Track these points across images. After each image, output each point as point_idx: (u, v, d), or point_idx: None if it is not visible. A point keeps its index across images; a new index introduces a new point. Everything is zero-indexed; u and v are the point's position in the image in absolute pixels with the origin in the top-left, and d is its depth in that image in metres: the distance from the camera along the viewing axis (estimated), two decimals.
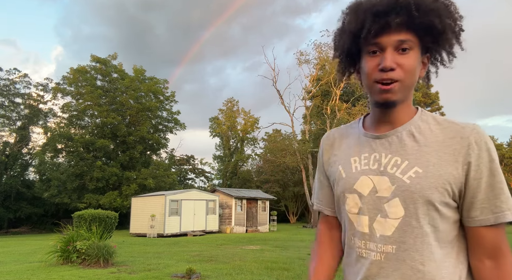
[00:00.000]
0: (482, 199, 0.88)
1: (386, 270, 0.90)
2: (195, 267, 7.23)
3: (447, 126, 0.92)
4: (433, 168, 0.88)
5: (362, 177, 0.96)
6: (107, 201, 28.18)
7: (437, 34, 0.88)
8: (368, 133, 1.00)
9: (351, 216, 0.98)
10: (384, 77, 0.88)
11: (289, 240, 16.69)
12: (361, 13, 0.90)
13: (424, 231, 0.88)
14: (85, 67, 32.75)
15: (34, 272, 7.64)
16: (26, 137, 34.81)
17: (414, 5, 0.84)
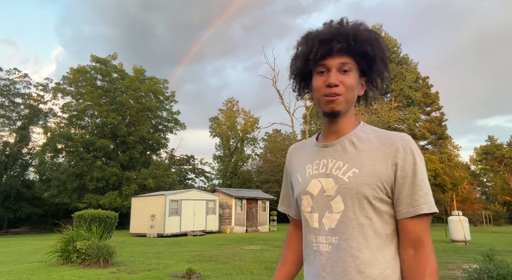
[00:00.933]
0: (405, 195, 1.04)
1: (333, 259, 1.05)
2: (195, 267, 7.22)
3: (382, 135, 1.10)
4: (367, 168, 1.05)
5: (313, 180, 1.13)
6: (107, 201, 28.17)
7: (370, 59, 1.08)
8: (319, 143, 1.18)
9: (306, 215, 1.14)
10: (330, 92, 1.07)
11: None
12: (310, 40, 1.10)
13: (359, 222, 1.04)
14: (85, 67, 32.75)
15: (34, 272, 7.63)
16: (26, 137, 34.81)
17: (351, 35, 1.05)
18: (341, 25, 1.08)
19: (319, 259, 1.07)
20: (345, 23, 1.09)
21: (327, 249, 1.06)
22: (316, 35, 1.09)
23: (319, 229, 1.08)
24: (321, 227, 1.08)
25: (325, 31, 1.08)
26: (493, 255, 5.58)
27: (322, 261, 1.06)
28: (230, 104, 46.12)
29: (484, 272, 5.32)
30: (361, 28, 1.07)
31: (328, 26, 1.10)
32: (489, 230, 29.58)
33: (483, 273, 5.33)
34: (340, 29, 1.07)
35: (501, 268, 5.22)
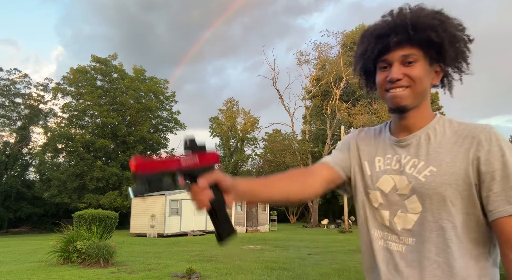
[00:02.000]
0: (497, 191, 0.92)
1: (406, 260, 0.99)
2: (195, 267, 7.23)
3: (460, 128, 1.01)
4: (446, 166, 0.96)
5: (384, 176, 1.07)
6: (107, 201, 28.18)
7: (437, 46, 0.99)
8: (392, 137, 1.11)
9: (373, 210, 1.09)
10: (393, 86, 1.01)
11: (289, 240, 16.70)
12: (367, 38, 1.06)
13: (439, 226, 0.95)
14: (85, 67, 32.77)
15: (34, 272, 7.64)
16: (26, 137, 34.83)
17: (410, 25, 0.97)
18: (399, 15, 1.02)
19: (390, 257, 1.02)
20: (404, 11, 1.02)
21: (399, 249, 1.01)
22: (373, 31, 1.04)
23: (390, 227, 1.03)
24: (392, 226, 1.03)
25: (382, 25, 1.03)
26: None
27: (392, 260, 1.01)
28: (230, 104, 46.13)
29: None
30: (422, 14, 0.99)
31: (385, 19, 1.04)
32: None
33: None
34: (397, 19, 1.00)
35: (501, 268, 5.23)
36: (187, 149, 0.92)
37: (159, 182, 0.85)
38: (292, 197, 1.07)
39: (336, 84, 33.51)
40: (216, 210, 0.92)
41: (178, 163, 0.88)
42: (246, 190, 1.00)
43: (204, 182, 0.88)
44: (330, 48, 34.48)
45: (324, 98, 35.43)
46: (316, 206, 31.47)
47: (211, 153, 0.94)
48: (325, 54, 34.53)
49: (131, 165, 0.83)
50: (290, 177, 1.10)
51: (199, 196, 0.87)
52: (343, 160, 1.16)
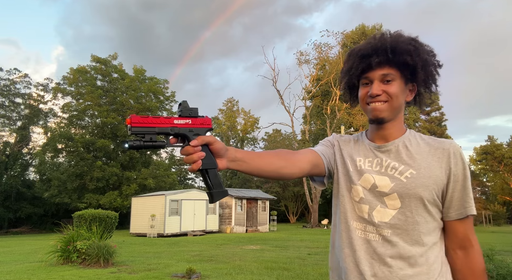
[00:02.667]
0: (457, 197, 1.13)
1: (381, 248, 1.12)
2: (195, 267, 7.23)
3: (430, 140, 1.19)
4: (424, 171, 1.13)
5: (365, 174, 1.19)
6: (107, 201, 28.18)
7: (411, 68, 1.15)
8: (372, 143, 1.24)
9: (353, 203, 1.20)
10: (373, 100, 1.16)
11: (289, 240, 16.70)
12: (352, 57, 1.22)
13: (415, 220, 1.11)
14: (85, 67, 32.76)
15: (34, 272, 7.64)
16: (26, 137, 34.82)
17: (390, 48, 1.13)
18: (380, 39, 1.18)
19: (367, 247, 1.14)
20: (385, 36, 1.18)
21: (376, 239, 1.13)
22: (358, 51, 1.19)
23: (368, 220, 1.15)
24: (371, 219, 1.15)
25: (366, 46, 1.18)
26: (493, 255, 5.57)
27: (369, 248, 1.13)
28: (230, 104, 46.12)
29: None
30: (400, 40, 1.15)
31: (369, 42, 1.19)
32: (488, 230, 29.59)
33: None
34: (379, 43, 1.16)
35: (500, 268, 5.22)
36: (181, 111, 0.97)
37: (153, 138, 0.90)
38: (282, 170, 1.12)
39: (336, 84, 33.47)
40: (208, 171, 0.96)
41: (171, 122, 0.93)
42: (238, 157, 1.03)
43: (196, 142, 0.93)
44: (330, 48, 34.45)
45: (324, 98, 35.42)
46: (316, 206, 31.48)
47: (204, 117, 0.99)
48: (325, 54, 34.51)
49: (127, 120, 0.88)
50: (280, 152, 1.17)
51: (191, 156, 0.92)
52: (327, 153, 1.28)
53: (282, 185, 37.49)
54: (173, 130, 0.93)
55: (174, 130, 0.94)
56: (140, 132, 0.89)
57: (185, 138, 0.95)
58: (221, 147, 0.98)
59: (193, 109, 0.98)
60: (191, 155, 0.92)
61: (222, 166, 0.99)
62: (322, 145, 1.31)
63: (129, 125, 0.88)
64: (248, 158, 1.05)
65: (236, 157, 1.03)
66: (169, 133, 0.93)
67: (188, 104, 0.98)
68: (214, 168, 0.96)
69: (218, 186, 0.97)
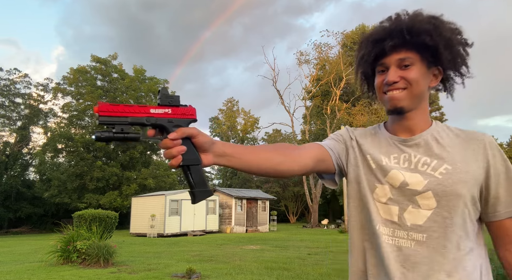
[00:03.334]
0: (504, 193, 1.00)
1: (417, 256, 0.97)
2: (195, 267, 7.23)
3: (460, 132, 1.07)
4: (460, 165, 1.00)
5: (393, 170, 1.04)
6: (107, 201, 28.18)
7: (433, 49, 1.01)
8: (395, 136, 1.10)
9: (378, 205, 1.05)
10: (390, 89, 1.03)
11: (289, 240, 16.69)
12: (365, 43, 1.09)
13: (454, 222, 0.97)
14: (85, 67, 32.77)
15: (34, 272, 7.64)
16: (26, 137, 34.82)
17: (406, 29, 1.00)
18: (395, 20, 1.05)
19: (398, 254, 0.99)
20: (401, 17, 1.05)
21: (408, 245, 0.99)
22: (370, 36, 1.08)
23: (398, 223, 1.01)
24: (402, 222, 1.00)
25: (379, 30, 1.06)
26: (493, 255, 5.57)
27: (401, 256, 0.98)
28: (230, 104, 46.14)
29: None
30: (418, 19, 1.02)
31: (383, 24, 1.07)
32: None
33: None
34: (393, 25, 1.04)
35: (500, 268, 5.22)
36: (159, 99, 0.86)
37: (125, 129, 0.80)
38: (279, 167, 0.98)
39: (336, 84, 33.50)
40: (190, 167, 0.85)
41: (146, 111, 0.83)
42: (227, 152, 0.90)
43: (175, 135, 0.82)
44: (330, 48, 34.44)
45: (324, 98, 35.41)
46: (316, 206, 31.48)
47: (187, 107, 0.88)
48: (325, 54, 34.51)
49: (95, 108, 0.78)
50: (280, 147, 1.03)
51: (170, 150, 0.81)
52: (336, 147, 1.12)
53: (282, 185, 37.49)
54: (149, 120, 0.83)
55: (150, 121, 0.83)
56: (110, 122, 0.79)
57: (164, 130, 0.85)
58: (205, 141, 0.86)
59: (174, 97, 0.87)
60: (169, 150, 0.81)
61: (208, 162, 0.87)
62: (332, 139, 1.16)
63: (97, 114, 0.78)
64: (239, 153, 0.92)
65: (224, 152, 0.90)
66: (145, 123, 0.83)
67: (168, 91, 0.87)
68: (197, 164, 0.85)
69: (201, 184, 0.86)
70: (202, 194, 0.87)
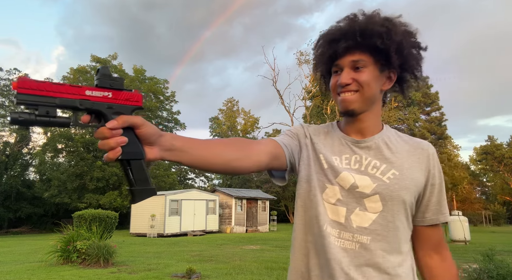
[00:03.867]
0: (434, 202, 1.06)
1: (360, 258, 0.98)
2: (195, 267, 7.23)
3: (407, 139, 1.10)
4: (406, 171, 1.03)
5: (344, 172, 1.04)
6: (107, 201, 28.19)
7: (384, 52, 1.01)
8: (348, 137, 1.10)
9: (326, 205, 1.04)
10: (342, 90, 1.03)
11: (289, 240, 16.61)
12: (321, 42, 1.09)
13: (396, 226, 1.00)
14: (85, 67, 32.80)
15: (34, 272, 7.64)
16: (26, 137, 34.82)
17: (358, 31, 1.00)
18: (351, 21, 1.04)
19: (343, 256, 0.98)
20: (355, 18, 1.04)
21: (353, 247, 0.99)
22: (325, 35, 1.07)
23: (345, 225, 1.00)
24: (348, 223, 1.00)
25: (335, 30, 1.05)
26: (493, 255, 5.58)
27: (346, 258, 0.98)
28: (230, 104, 46.14)
29: (484, 272, 5.33)
30: (371, 21, 1.02)
31: (339, 24, 1.06)
32: (489, 230, 29.60)
33: (483, 273, 5.34)
34: (348, 26, 1.03)
35: (501, 268, 5.23)
36: (98, 80, 0.73)
37: (51, 112, 0.66)
38: (233, 163, 0.91)
39: None
40: (130, 162, 0.74)
41: (81, 93, 0.69)
42: (177, 145, 0.81)
43: (115, 123, 0.71)
44: None
45: (324, 98, 35.41)
46: None
47: (132, 92, 0.76)
48: None
49: (13, 84, 0.64)
50: (234, 142, 0.97)
51: (107, 141, 0.70)
52: (290, 144, 1.09)
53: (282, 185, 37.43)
54: (83, 104, 0.69)
55: (84, 104, 0.69)
56: (31, 101, 0.64)
57: (102, 116, 0.72)
58: (151, 132, 0.76)
59: (117, 79, 0.73)
60: (107, 140, 0.70)
61: (153, 156, 0.77)
62: (286, 135, 1.12)
63: (15, 90, 0.63)
64: (189, 147, 0.83)
65: (173, 145, 0.80)
66: (78, 107, 0.69)
67: (109, 71, 0.73)
68: (140, 159, 0.74)
69: (143, 182, 0.74)
70: (143, 193, 0.74)
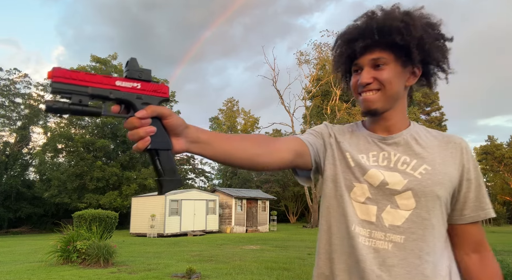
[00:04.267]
0: (473, 198, 1.00)
1: (393, 258, 0.93)
2: (195, 267, 7.23)
3: (437, 134, 1.06)
4: (439, 166, 0.98)
5: (372, 169, 1.00)
6: (107, 201, 28.19)
7: (405, 48, 0.98)
8: (374, 134, 1.07)
9: (355, 204, 1.00)
10: (364, 90, 1.01)
11: (289, 240, 16.69)
12: (338, 42, 1.07)
13: (431, 223, 0.95)
14: (85, 67, 32.77)
15: (34, 272, 7.64)
16: (26, 137, 34.81)
17: (376, 29, 0.97)
18: (368, 19, 1.01)
19: (374, 256, 0.94)
20: (373, 15, 1.01)
21: (385, 247, 0.94)
22: (343, 35, 1.05)
23: (376, 223, 0.96)
24: (380, 222, 0.96)
25: (351, 29, 1.03)
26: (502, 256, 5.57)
27: (378, 258, 0.94)
28: (230, 104, 46.14)
29: None
30: (390, 17, 0.99)
31: (355, 23, 1.04)
32: (489, 230, 29.58)
33: None
34: (365, 24, 1.00)
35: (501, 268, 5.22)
36: (127, 71, 0.75)
37: (83, 101, 0.68)
38: (257, 159, 0.90)
39: (336, 84, 33.47)
40: (159, 152, 0.74)
41: (111, 83, 0.71)
42: (202, 138, 0.81)
43: (145, 113, 0.71)
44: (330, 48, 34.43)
45: (324, 98, 35.43)
46: (316, 206, 31.48)
47: (159, 84, 0.79)
48: (325, 54, 34.51)
49: (49, 73, 0.66)
50: (258, 138, 0.96)
51: (136, 130, 0.71)
52: (316, 143, 1.06)
53: (282, 185, 37.48)
54: (113, 94, 0.71)
55: (115, 95, 0.71)
56: (65, 90, 0.66)
57: (131, 106, 0.73)
58: (178, 123, 0.76)
59: (145, 70, 0.76)
60: (136, 130, 0.71)
61: (179, 148, 0.77)
62: (311, 134, 1.09)
63: (50, 79, 0.66)
64: (214, 141, 0.82)
65: (198, 137, 0.80)
66: (108, 97, 0.70)
67: (138, 64, 0.75)
68: (168, 149, 0.75)
69: (171, 172, 0.74)
70: (171, 184, 0.74)
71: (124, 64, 0.76)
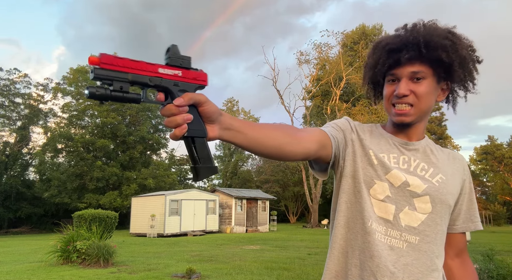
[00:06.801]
0: (465, 210, 1.12)
1: (407, 258, 0.98)
2: (195, 267, 7.23)
3: (443, 149, 1.15)
4: (450, 177, 1.07)
5: (395, 170, 1.03)
6: (107, 201, 28.18)
7: (446, 66, 1.00)
8: (396, 138, 1.10)
9: (373, 201, 1.02)
10: (399, 101, 1.03)
11: (289, 240, 16.69)
12: (378, 50, 1.07)
13: (442, 229, 1.04)
14: (85, 67, 32.78)
15: (34, 272, 7.64)
16: (26, 137, 34.80)
17: (423, 42, 0.98)
18: (412, 31, 1.03)
19: (389, 254, 0.97)
20: (418, 28, 1.03)
21: (400, 246, 0.98)
22: (385, 44, 1.05)
23: (393, 222, 0.99)
24: (396, 221, 0.99)
25: (395, 39, 1.04)
26: (493, 255, 5.58)
27: (392, 256, 0.97)
28: (230, 104, 46.12)
29: (484, 272, 5.33)
30: (435, 33, 1.01)
31: (398, 34, 1.05)
32: (489, 230, 29.57)
33: (483, 273, 5.33)
34: (411, 36, 1.01)
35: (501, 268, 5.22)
36: (169, 58, 0.74)
37: (124, 87, 0.67)
38: (285, 147, 0.89)
39: (336, 84, 33.50)
40: (195, 139, 0.73)
41: (154, 70, 0.70)
42: (235, 125, 0.80)
43: (182, 101, 0.70)
44: (330, 48, 34.41)
45: (324, 98, 35.42)
46: (316, 206, 31.49)
47: (198, 71, 0.77)
48: (325, 54, 34.50)
49: (94, 59, 0.65)
50: (284, 127, 0.95)
51: (174, 118, 0.70)
52: (337, 137, 1.06)
53: (282, 185, 37.49)
54: (152, 80, 0.70)
55: (154, 81, 0.70)
56: (107, 76, 0.65)
57: (168, 93, 0.73)
58: (214, 110, 0.75)
59: (185, 58, 0.75)
60: (174, 117, 0.70)
61: (214, 135, 0.76)
62: (332, 128, 1.08)
63: (94, 65, 0.65)
64: (245, 128, 0.82)
65: (231, 124, 0.79)
66: (148, 84, 0.70)
67: (179, 50, 0.74)
68: (203, 136, 0.74)
69: (207, 160, 0.74)
70: (207, 171, 0.74)
71: (165, 51, 0.75)
